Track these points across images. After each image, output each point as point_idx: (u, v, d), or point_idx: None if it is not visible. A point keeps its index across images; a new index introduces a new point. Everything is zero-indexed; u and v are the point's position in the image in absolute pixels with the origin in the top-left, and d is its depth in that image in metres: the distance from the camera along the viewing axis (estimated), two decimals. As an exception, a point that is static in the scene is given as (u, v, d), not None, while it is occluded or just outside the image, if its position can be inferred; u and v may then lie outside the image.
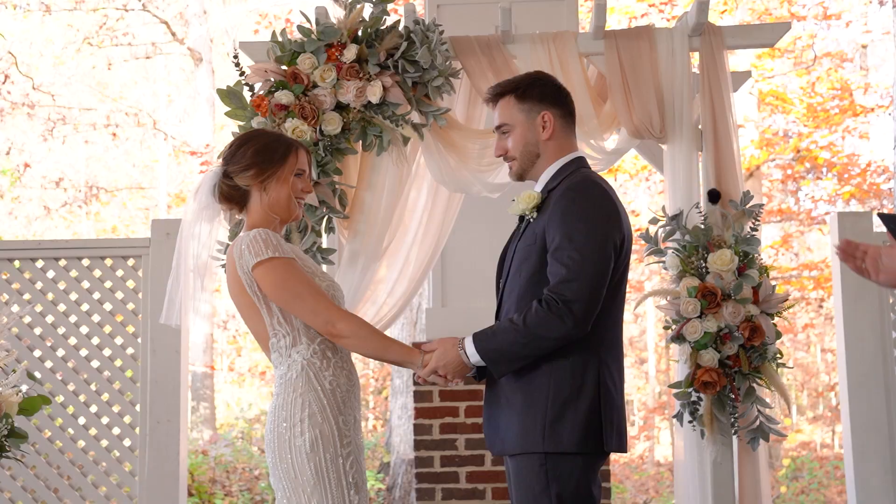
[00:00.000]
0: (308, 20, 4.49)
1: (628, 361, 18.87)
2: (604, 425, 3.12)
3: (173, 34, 16.07)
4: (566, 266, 3.03)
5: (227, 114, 4.51)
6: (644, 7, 13.70)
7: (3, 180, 15.45)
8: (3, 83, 14.49)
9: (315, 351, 3.12)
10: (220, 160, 3.28)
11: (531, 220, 3.24)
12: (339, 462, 3.05)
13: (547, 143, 3.27)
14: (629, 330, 18.54)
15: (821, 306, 14.95)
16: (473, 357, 3.10)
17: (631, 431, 17.73)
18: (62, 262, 5.53)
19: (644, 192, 15.77)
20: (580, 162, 3.32)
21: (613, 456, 12.49)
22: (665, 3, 13.57)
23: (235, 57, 4.56)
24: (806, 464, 12.98)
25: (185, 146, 16.42)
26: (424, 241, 4.95)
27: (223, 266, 4.38)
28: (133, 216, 18.31)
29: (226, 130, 16.58)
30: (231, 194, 3.20)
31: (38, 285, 5.51)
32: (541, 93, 3.28)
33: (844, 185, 13.74)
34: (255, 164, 3.16)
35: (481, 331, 3.13)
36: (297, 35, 4.49)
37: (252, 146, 3.20)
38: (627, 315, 17.56)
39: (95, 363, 5.49)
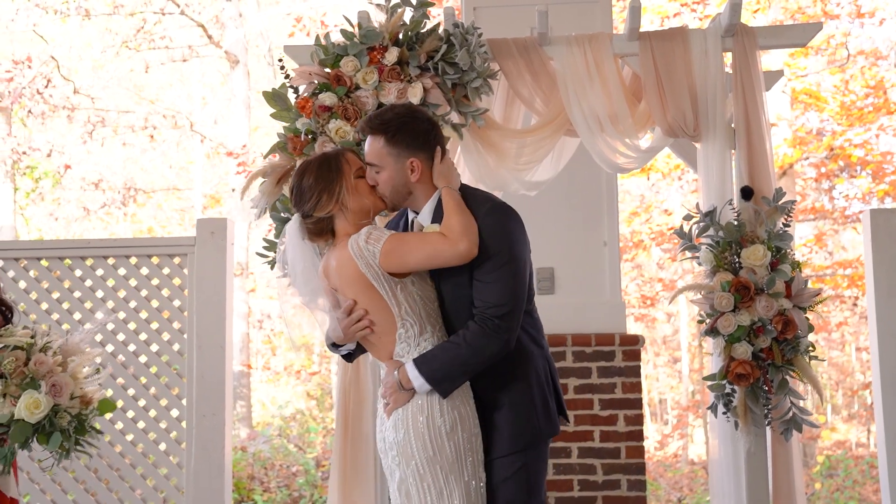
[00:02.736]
0: (351, 24, 4.61)
1: (661, 360, 18.86)
2: (559, 396, 3.43)
3: (209, 37, 16.24)
4: (496, 289, 3.19)
5: (272, 115, 4.62)
6: (676, 6, 13.71)
7: (46, 182, 15.68)
8: (46, 87, 14.71)
9: (440, 337, 3.27)
10: (293, 209, 3.40)
11: None
12: (473, 441, 3.21)
13: (417, 184, 3.34)
14: (662, 329, 18.52)
15: (855, 304, 14.87)
16: (417, 381, 3.18)
17: (664, 430, 17.73)
18: (111, 261, 5.67)
19: (677, 191, 15.76)
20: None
21: (647, 454, 12.46)
22: (697, 2, 13.58)
23: (280, 60, 4.68)
24: (841, 461, 12.93)
25: (220, 147, 16.60)
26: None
27: (269, 263, 4.52)
28: (169, 217, 18.50)
29: (260, 132, 16.75)
30: (320, 228, 3.33)
31: (88, 283, 5.66)
32: (410, 139, 3.31)
33: (879, 184, 13.68)
34: (323, 190, 3.28)
35: (420, 356, 3.22)
36: (339, 38, 4.61)
37: (309, 177, 3.32)
38: (660, 314, 17.61)
39: (143, 358, 5.63)
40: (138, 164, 17.59)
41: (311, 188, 3.29)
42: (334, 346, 3.45)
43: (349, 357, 3.56)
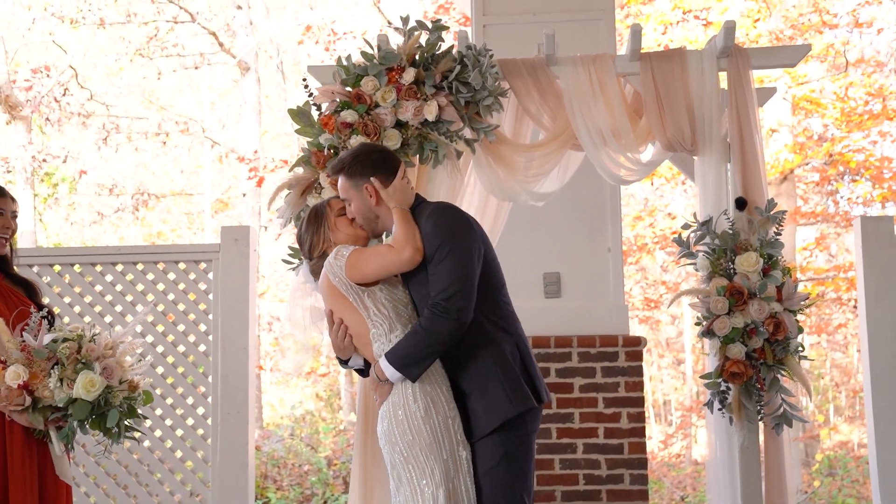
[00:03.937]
0: (371, 46, 4.89)
1: (665, 362, 19.07)
2: (534, 378, 3.67)
3: (221, 45, 16.47)
4: (441, 276, 3.53)
5: (297, 131, 4.90)
6: (679, 14, 13.90)
7: (62, 187, 15.90)
8: (63, 95, 14.94)
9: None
10: (302, 256, 3.95)
11: None
12: (449, 423, 3.56)
13: (378, 207, 3.75)
14: (666, 331, 18.72)
15: (856, 307, 15.00)
16: (388, 370, 3.55)
17: (668, 430, 17.93)
18: (140, 266, 5.94)
19: (680, 195, 15.92)
20: (416, 197, 3.81)
21: (651, 454, 12.59)
22: (700, 10, 13.77)
23: (304, 80, 4.95)
24: (840, 460, 13.11)
25: (231, 153, 16.80)
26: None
27: (293, 269, 4.80)
28: (178, 221, 18.69)
29: (267, 136, 16.99)
30: (320, 267, 3.79)
31: (119, 287, 5.93)
32: (362, 168, 3.75)
33: (879, 188, 13.82)
34: (313, 233, 3.85)
35: (390, 349, 3.57)
36: (360, 59, 4.89)
37: (303, 226, 3.89)
38: (664, 317, 17.82)
39: (171, 359, 5.90)
40: (149, 169, 17.79)
41: (305, 234, 3.87)
42: (342, 362, 3.84)
43: (362, 373, 3.93)
